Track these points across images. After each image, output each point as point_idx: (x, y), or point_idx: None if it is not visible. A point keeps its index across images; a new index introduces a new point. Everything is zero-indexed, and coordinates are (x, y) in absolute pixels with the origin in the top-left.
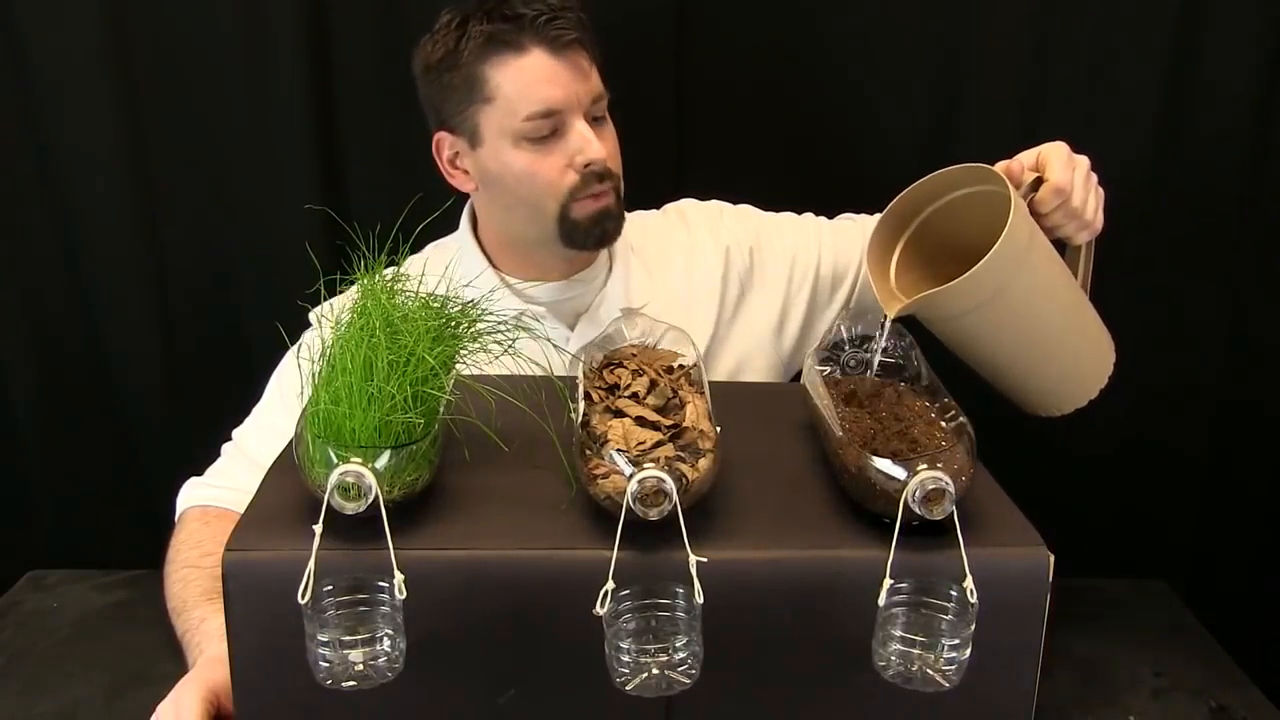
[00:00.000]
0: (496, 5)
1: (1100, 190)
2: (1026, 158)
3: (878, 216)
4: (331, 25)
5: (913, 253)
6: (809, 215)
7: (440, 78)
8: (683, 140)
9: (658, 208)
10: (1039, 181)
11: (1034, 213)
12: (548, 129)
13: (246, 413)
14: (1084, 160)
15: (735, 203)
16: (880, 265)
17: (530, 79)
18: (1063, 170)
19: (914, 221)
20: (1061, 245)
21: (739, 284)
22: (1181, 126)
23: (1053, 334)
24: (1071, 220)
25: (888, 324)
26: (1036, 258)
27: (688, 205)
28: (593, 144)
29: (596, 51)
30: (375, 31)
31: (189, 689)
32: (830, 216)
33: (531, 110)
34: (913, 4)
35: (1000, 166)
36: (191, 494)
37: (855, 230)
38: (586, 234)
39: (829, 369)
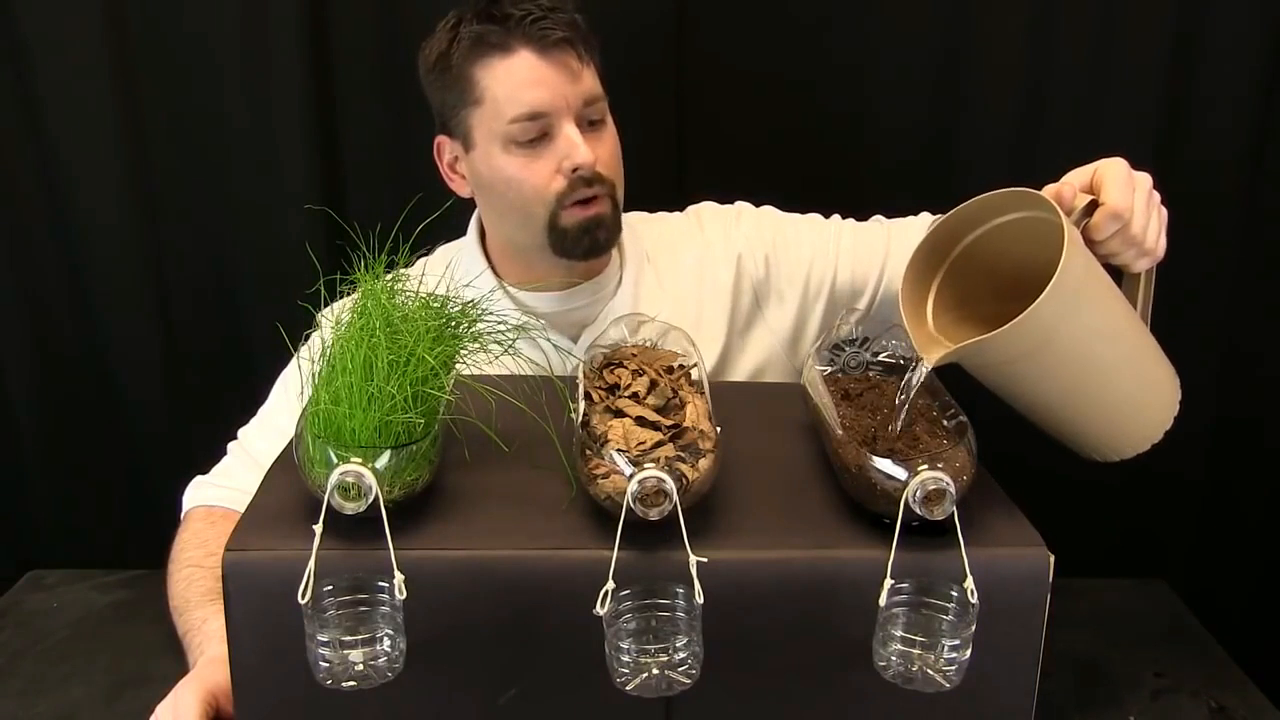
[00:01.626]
0: (486, 6)
1: (1163, 211)
2: (1078, 177)
3: (908, 221)
4: (331, 25)
5: (951, 286)
6: (835, 218)
7: (437, 80)
8: (683, 141)
9: (659, 209)
10: (1093, 205)
11: (1087, 239)
12: (535, 132)
13: (247, 412)
14: (1145, 179)
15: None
16: (916, 304)
17: (516, 81)
18: (1121, 193)
19: (952, 252)
20: (1117, 271)
21: (752, 293)
22: (1182, 130)
23: (1112, 377)
24: (1130, 247)
25: (923, 371)
26: (1093, 294)
27: (706, 209)
28: (579, 149)
29: (593, 53)
30: (375, 31)
31: (188, 690)
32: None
33: (517, 113)
34: (914, 4)
35: (1050, 191)
36: (196, 494)
37: (881, 235)
38: (576, 243)
39: (830, 369)
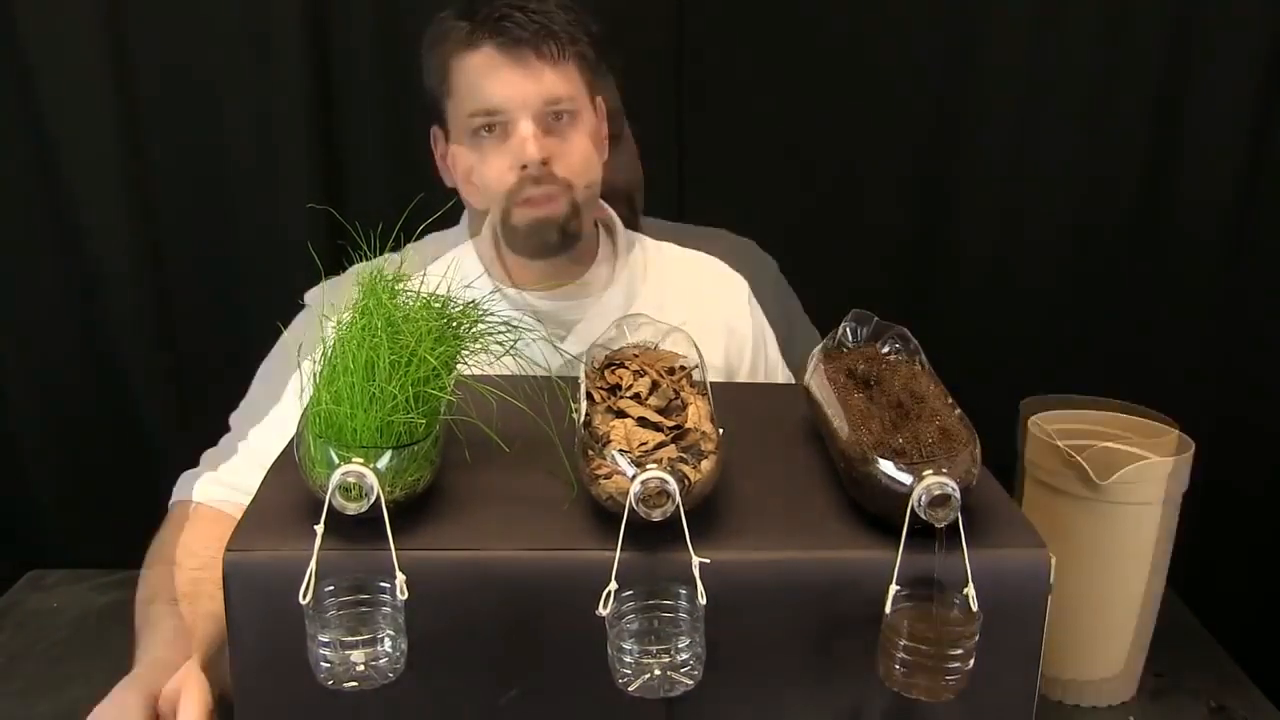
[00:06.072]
0: (468, 3)
1: None
2: None
3: None
4: (331, 25)
5: None
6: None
7: (426, 70)
8: (683, 141)
9: (659, 209)
10: None
11: None
12: (494, 127)
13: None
14: None
15: (746, 217)
16: None
17: (476, 76)
18: None
19: None
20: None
21: (726, 371)
22: (1181, 130)
23: None
24: None
25: None
26: None
27: (736, 279)
28: (528, 146)
29: (567, 51)
30: (375, 31)
31: (132, 693)
32: (830, 218)
33: (475, 108)
34: (914, 5)
35: None
36: (206, 490)
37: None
38: (525, 241)
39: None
